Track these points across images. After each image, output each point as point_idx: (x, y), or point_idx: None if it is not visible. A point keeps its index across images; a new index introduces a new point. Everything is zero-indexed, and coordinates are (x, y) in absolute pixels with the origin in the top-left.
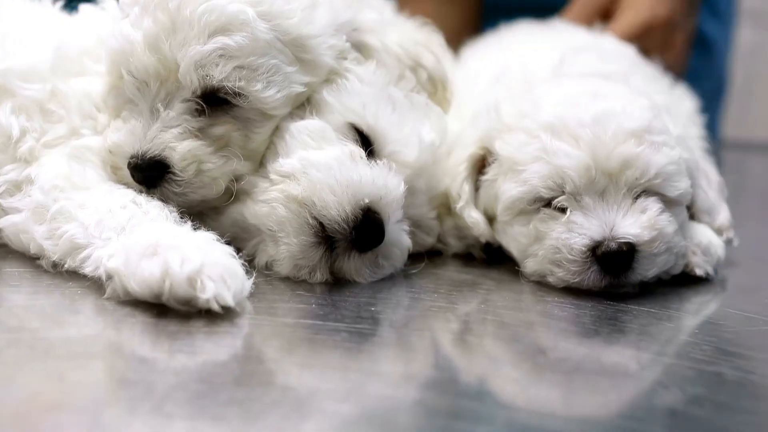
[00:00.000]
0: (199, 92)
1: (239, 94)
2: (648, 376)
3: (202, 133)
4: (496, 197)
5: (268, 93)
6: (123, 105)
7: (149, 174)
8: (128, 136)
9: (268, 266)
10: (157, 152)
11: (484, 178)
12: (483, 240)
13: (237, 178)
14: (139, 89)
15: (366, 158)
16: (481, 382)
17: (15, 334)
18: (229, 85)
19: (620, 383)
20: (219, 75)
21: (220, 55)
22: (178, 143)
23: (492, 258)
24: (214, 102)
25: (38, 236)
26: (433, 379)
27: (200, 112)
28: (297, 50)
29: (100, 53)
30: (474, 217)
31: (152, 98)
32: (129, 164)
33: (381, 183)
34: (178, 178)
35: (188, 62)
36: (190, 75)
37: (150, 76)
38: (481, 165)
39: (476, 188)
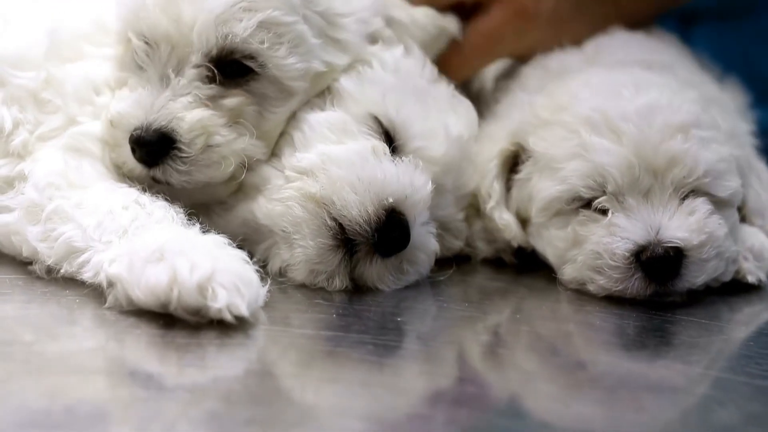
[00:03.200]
0: (214, 53)
1: (257, 58)
2: (700, 392)
3: (213, 102)
4: (530, 197)
5: (289, 60)
6: (131, 74)
7: (153, 149)
8: (134, 105)
9: (281, 272)
10: (164, 123)
11: (516, 176)
12: (515, 244)
13: (248, 164)
14: (148, 54)
15: (390, 154)
16: (517, 399)
17: (5, 347)
18: (253, 45)
19: (669, 400)
20: (242, 32)
21: (244, 8)
22: (187, 113)
23: (524, 264)
24: (227, 72)
25: (32, 238)
26: (465, 396)
27: (212, 80)
28: (325, 24)
29: (98, 37)
30: (505, 219)
31: (163, 64)
32: (131, 138)
33: (406, 181)
34: (184, 155)
35: (207, 17)
36: (207, 33)
37: (161, 37)
38: (513, 162)
39: (508, 188)
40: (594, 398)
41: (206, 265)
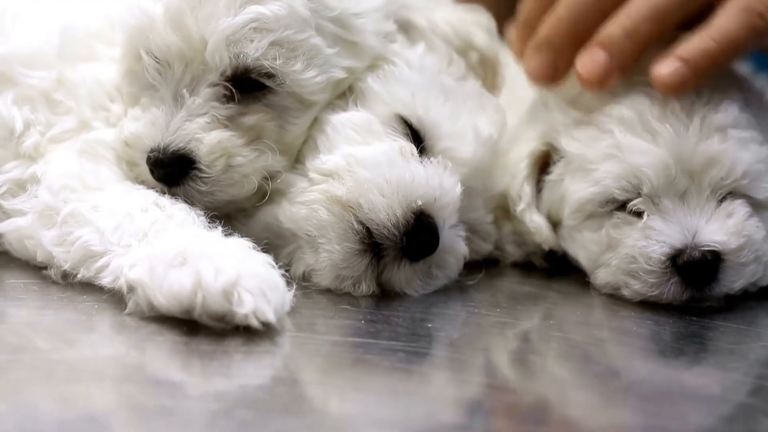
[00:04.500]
0: (229, 73)
1: (274, 76)
2: (741, 401)
3: (232, 122)
4: (562, 199)
5: (307, 75)
6: (141, 91)
7: (172, 170)
8: (148, 126)
9: (305, 277)
10: (181, 145)
11: (548, 178)
12: (546, 247)
13: (270, 176)
14: (160, 72)
15: (418, 155)
16: (554, 408)
17: (16, 354)
18: (267, 63)
19: (709, 408)
20: (254, 52)
21: (255, 29)
22: (206, 134)
23: (555, 267)
24: (244, 87)
25: (46, 242)
26: (501, 405)
27: (229, 99)
28: (340, 30)
29: (111, 36)
30: (536, 222)
31: (176, 83)
32: (148, 159)
33: (435, 183)
34: (205, 175)
35: (218, 38)
36: (219, 53)
37: (173, 56)
38: (543, 163)
39: (538, 189)
40: (633, 407)
41: (231, 269)
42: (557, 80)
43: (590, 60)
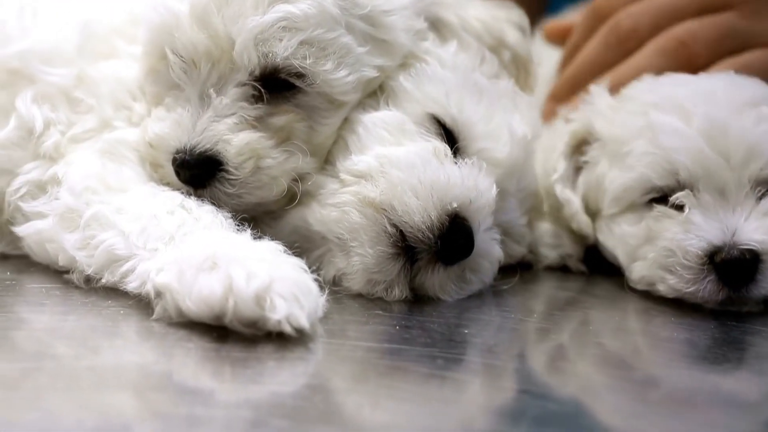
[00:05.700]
0: (257, 73)
1: (304, 76)
2: None
3: (261, 123)
4: (600, 187)
5: (338, 74)
6: (166, 91)
7: (198, 172)
8: (174, 127)
9: (336, 281)
10: (208, 146)
11: (583, 159)
12: (576, 225)
13: (300, 178)
14: (185, 72)
15: (452, 155)
16: (590, 415)
17: (38, 361)
18: (296, 62)
19: (752, 416)
20: (283, 52)
21: (284, 28)
22: (234, 135)
23: (591, 271)
24: (273, 87)
25: (68, 246)
26: (547, 414)
27: (258, 99)
28: (370, 28)
29: (132, 33)
30: (567, 194)
31: (202, 82)
32: (174, 160)
33: (471, 184)
34: (233, 177)
35: (246, 37)
36: (248, 52)
37: (199, 55)
38: (580, 147)
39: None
40: (675, 414)
41: (264, 273)
42: None
43: None
